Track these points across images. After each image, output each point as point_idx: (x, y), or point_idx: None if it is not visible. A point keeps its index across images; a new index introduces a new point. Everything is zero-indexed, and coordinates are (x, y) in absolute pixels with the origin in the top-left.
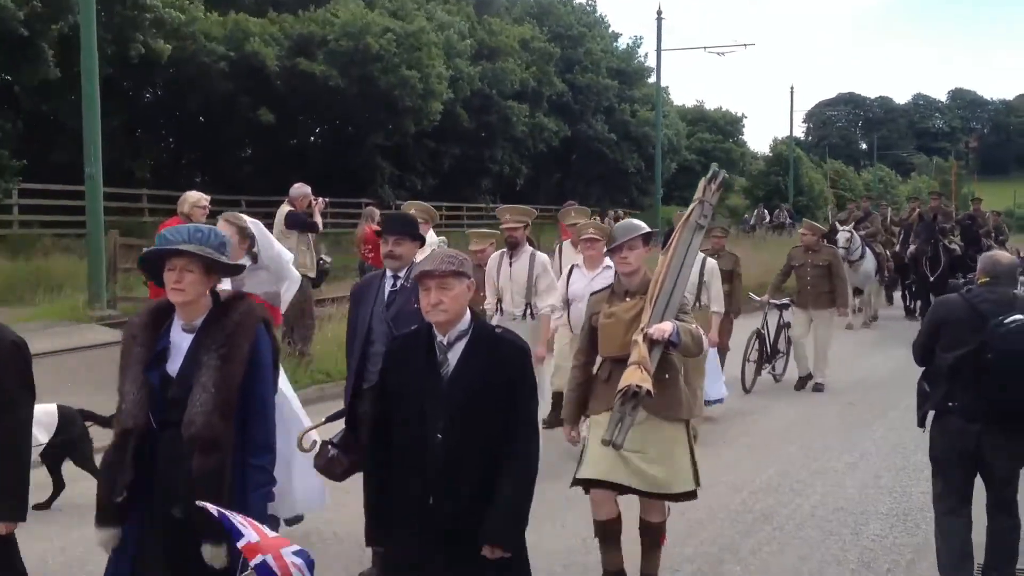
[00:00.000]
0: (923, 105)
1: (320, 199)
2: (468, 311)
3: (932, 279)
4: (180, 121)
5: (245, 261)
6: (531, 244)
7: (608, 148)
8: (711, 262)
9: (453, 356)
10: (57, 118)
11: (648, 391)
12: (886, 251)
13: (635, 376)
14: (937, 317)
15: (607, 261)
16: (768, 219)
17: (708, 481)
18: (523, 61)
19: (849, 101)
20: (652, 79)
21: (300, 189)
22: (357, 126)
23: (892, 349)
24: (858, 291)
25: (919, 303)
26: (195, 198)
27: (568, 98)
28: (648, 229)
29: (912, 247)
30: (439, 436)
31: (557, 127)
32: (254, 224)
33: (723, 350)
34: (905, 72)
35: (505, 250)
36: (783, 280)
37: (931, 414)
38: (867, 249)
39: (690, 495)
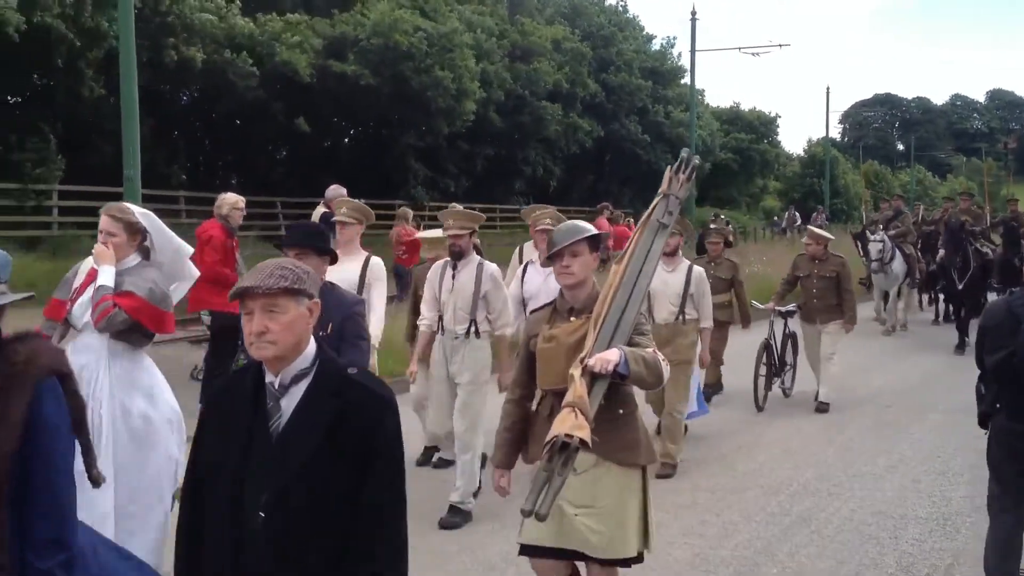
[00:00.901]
0: (961, 106)
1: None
2: (313, 343)
3: (961, 286)
4: (215, 124)
5: (134, 259)
6: (478, 253)
7: (642, 149)
8: (698, 270)
9: (288, 404)
10: (96, 121)
11: (582, 442)
12: (917, 252)
13: (566, 423)
14: (983, 321)
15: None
16: (799, 221)
17: (743, 484)
18: (556, 62)
19: (886, 102)
20: (685, 80)
21: (336, 190)
22: (390, 127)
23: (928, 353)
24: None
25: (950, 308)
26: (233, 200)
27: (601, 98)
28: (593, 232)
29: (940, 254)
30: (261, 515)
31: (590, 127)
32: (144, 216)
33: (717, 363)
34: (943, 73)
35: (448, 260)
36: (788, 290)
37: None
38: (897, 251)
39: (636, 560)
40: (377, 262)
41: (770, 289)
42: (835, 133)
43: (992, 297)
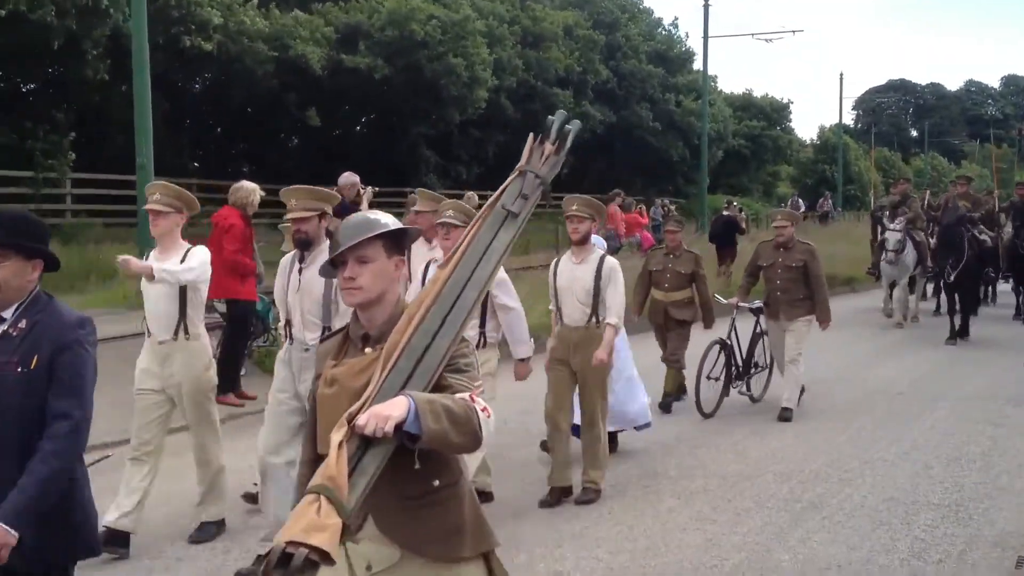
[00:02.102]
0: (975, 92)
1: (368, 188)
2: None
3: (952, 279)
4: (228, 112)
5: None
6: (331, 239)
7: (653, 136)
8: (611, 262)
9: None
10: (108, 109)
11: (321, 554)
12: (928, 238)
13: (299, 523)
14: None
15: None
16: (803, 209)
17: (756, 470)
18: (567, 48)
19: (899, 88)
20: (697, 66)
21: (348, 178)
22: (401, 116)
23: (938, 342)
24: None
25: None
26: (251, 188)
27: (613, 84)
28: (393, 226)
29: (934, 240)
30: None
31: (602, 115)
32: None
33: (678, 367)
34: (957, 58)
35: (295, 251)
36: (751, 283)
37: None
38: (907, 240)
39: None
40: (203, 254)
41: None
42: (848, 119)
43: (1000, 287)
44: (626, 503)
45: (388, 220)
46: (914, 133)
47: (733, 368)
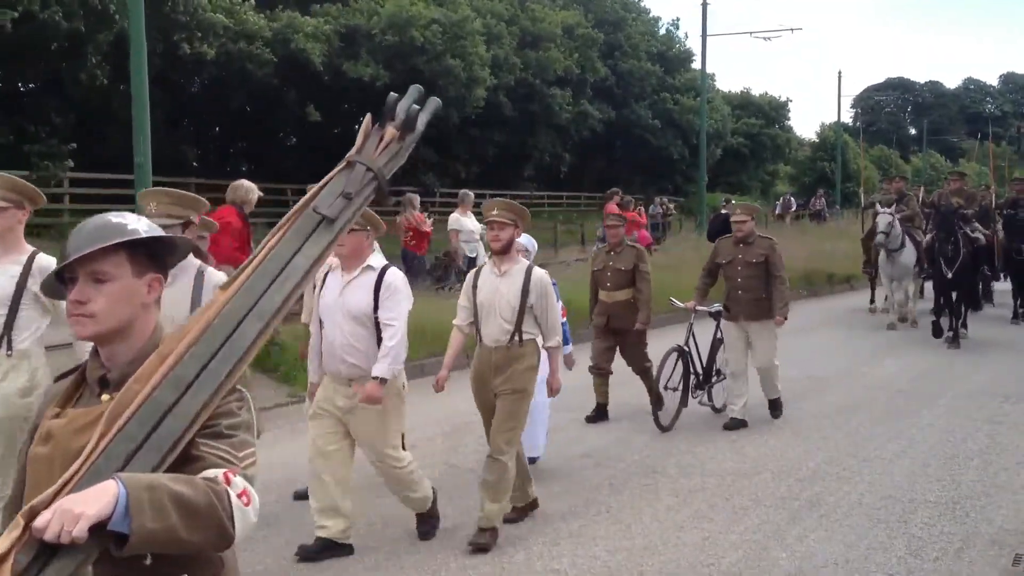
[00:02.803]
0: (974, 90)
1: None
2: None
3: (951, 275)
4: (227, 112)
5: None
6: (199, 256)
7: (652, 135)
8: (539, 273)
9: None
10: (107, 108)
11: None
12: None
13: None
14: None
15: (373, 259)
16: (794, 207)
17: (753, 468)
18: (567, 48)
19: (898, 86)
20: (695, 64)
21: None
22: None
23: (937, 340)
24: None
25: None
26: (248, 186)
27: (612, 83)
28: (145, 233)
29: (926, 240)
30: None
31: (601, 113)
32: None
33: (647, 375)
34: (956, 56)
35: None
36: (709, 283)
37: None
38: (906, 238)
39: None
40: (46, 262)
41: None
42: (847, 117)
43: (1000, 286)
44: (624, 501)
45: (140, 225)
46: (913, 131)
47: (692, 377)
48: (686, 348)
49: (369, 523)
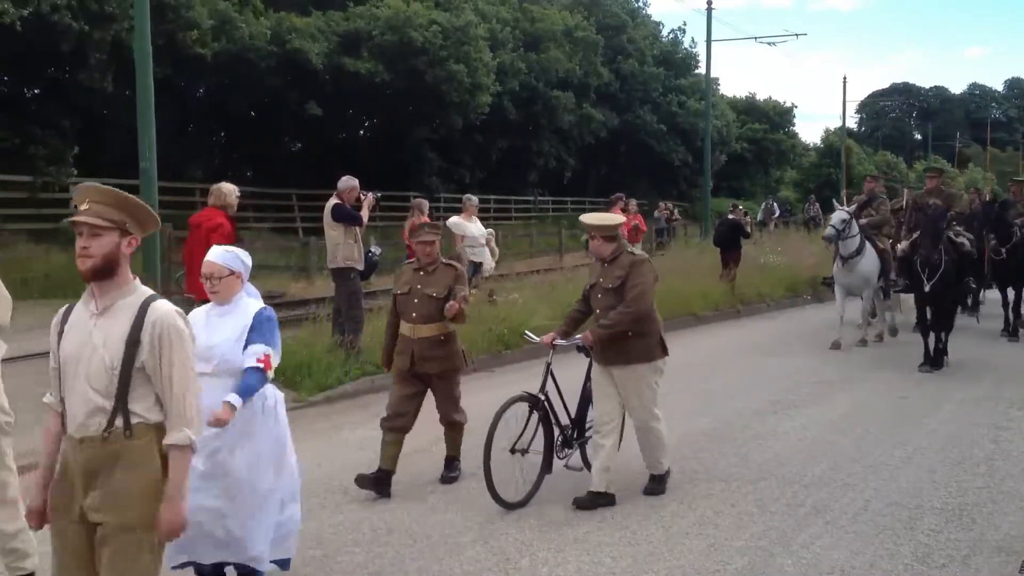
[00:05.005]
0: (979, 95)
1: (371, 194)
2: None
3: (928, 289)
4: (230, 117)
5: None
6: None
7: (656, 140)
8: (161, 310)
9: None
10: (111, 113)
11: None
12: (895, 246)
13: None
14: None
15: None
16: (777, 214)
17: (759, 474)
18: (568, 50)
19: (903, 91)
20: (700, 69)
21: (347, 182)
22: (404, 120)
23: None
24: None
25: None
26: (230, 188)
27: (615, 88)
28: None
29: (904, 244)
30: None
31: (604, 117)
32: None
33: (452, 427)
34: (961, 62)
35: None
36: (582, 315)
37: None
38: (867, 244)
39: None
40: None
41: (789, 281)
42: (852, 123)
43: (990, 294)
44: (628, 508)
45: None
46: (918, 136)
47: (557, 434)
48: (541, 397)
49: (373, 529)
